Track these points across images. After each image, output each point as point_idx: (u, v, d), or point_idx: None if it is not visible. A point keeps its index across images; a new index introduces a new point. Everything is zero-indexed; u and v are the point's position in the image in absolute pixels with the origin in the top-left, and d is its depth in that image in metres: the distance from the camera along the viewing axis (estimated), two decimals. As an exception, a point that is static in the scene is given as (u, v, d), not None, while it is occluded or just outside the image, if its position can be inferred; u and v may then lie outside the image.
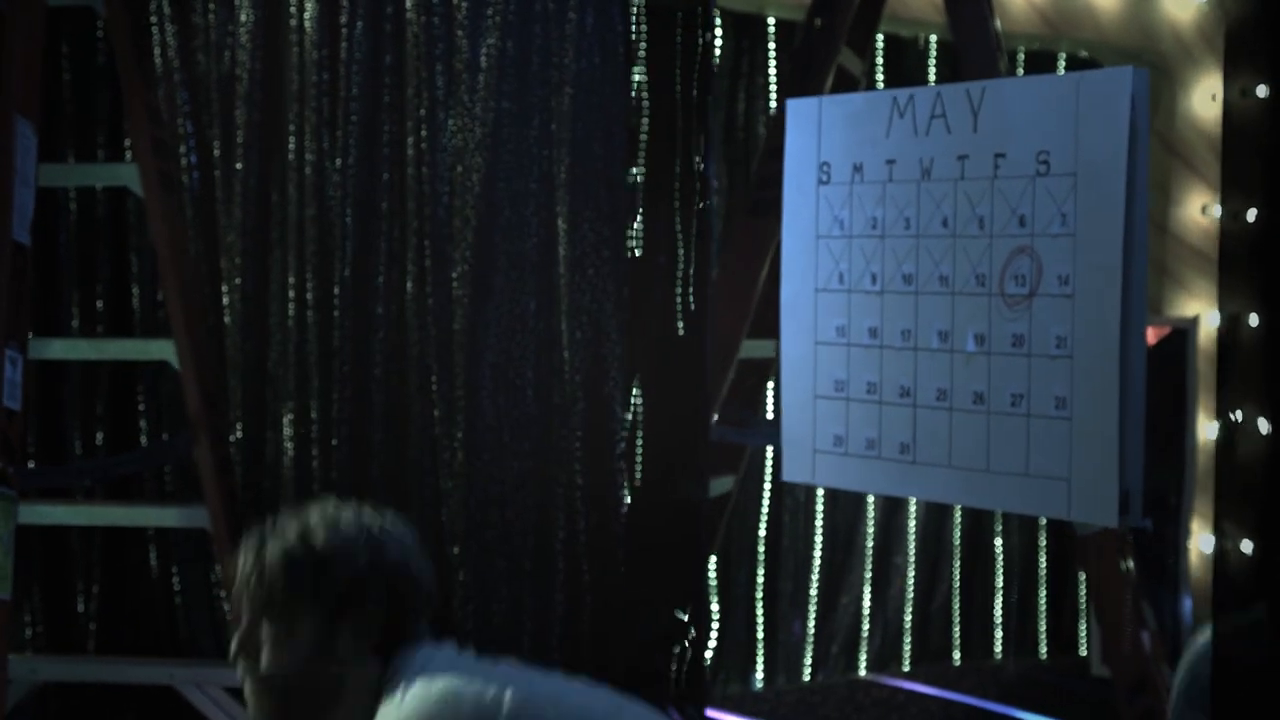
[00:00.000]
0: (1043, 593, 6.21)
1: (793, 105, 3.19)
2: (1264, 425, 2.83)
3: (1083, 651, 6.17)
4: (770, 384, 4.27)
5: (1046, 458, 2.82)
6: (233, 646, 2.43)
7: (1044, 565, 6.19)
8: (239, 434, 4.43)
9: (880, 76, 5.54)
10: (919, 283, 3.02)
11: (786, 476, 3.24)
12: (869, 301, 3.09)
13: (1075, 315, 2.78)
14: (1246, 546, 2.78)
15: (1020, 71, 5.66)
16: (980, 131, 2.92)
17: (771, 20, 5.46)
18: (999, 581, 6.09)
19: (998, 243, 2.89)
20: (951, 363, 2.96)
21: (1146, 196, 2.75)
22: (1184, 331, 5.71)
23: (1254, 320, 2.87)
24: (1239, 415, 2.67)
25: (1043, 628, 6.23)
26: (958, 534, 6.02)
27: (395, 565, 2.43)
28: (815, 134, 3.17)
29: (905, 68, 5.65)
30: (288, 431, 4.37)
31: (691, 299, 3.43)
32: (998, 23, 4.11)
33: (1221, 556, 2.71)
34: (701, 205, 3.45)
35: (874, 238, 3.08)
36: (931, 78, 5.72)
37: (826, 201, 3.15)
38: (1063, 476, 2.81)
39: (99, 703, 4.51)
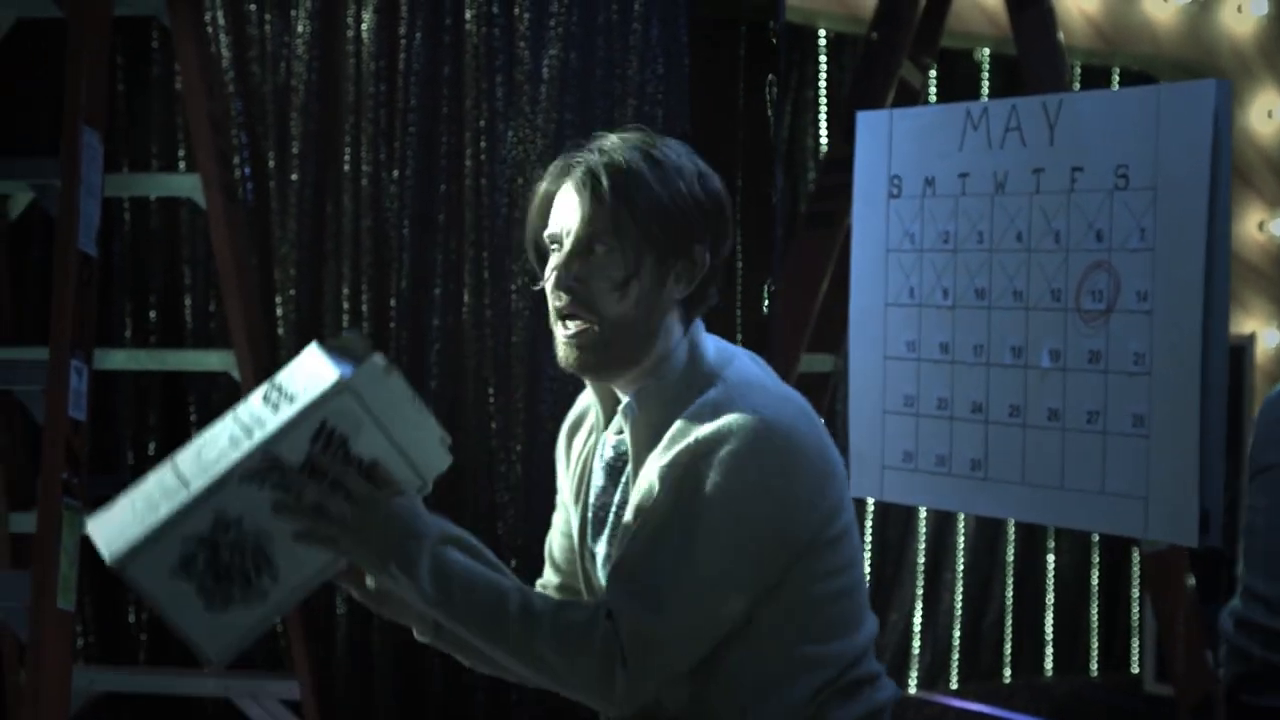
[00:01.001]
0: (1094, 609, 6.16)
1: (863, 118, 3.15)
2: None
3: (1134, 669, 6.11)
4: (828, 398, 4.23)
5: (1123, 476, 2.78)
6: (559, 283, 2.16)
7: (1096, 582, 6.13)
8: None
9: (933, 90, 5.50)
10: (992, 297, 2.99)
11: (854, 492, 3.20)
12: (940, 316, 3.06)
13: (1154, 331, 2.74)
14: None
15: (1076, 86, 5.61)
16: (1057, 145, 2.88)
17: (822, 33, 5.42)
18: (1050, 598, 6.03)
19: (1074, 257, 2.86)
20: (1025, 379, 2.93)
21: (1229, 211, 2.71)
22: (1241, 349, 5.65)
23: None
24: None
25: (1094, 645, 6.17)
26: (1009, 550, 5.97)
27: (718, 214, 2.22)
28: (886, 147, 3.14)
29: (958, 81, 5.61)
30: (343, 444, 4.35)
31: (765, 309, 3.40)
32: (1060, 34, 4.07)
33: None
34: (771, 219, 3.43)
35: (946, 252, 3.05)
36: (985, 92, 5.68)
37: (897, 215, 3.12)
38: (1140, 495, 2.77)
39: (149, 715, 4.49)
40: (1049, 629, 6.06)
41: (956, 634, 5.90)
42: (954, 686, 5.91)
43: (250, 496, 2.02)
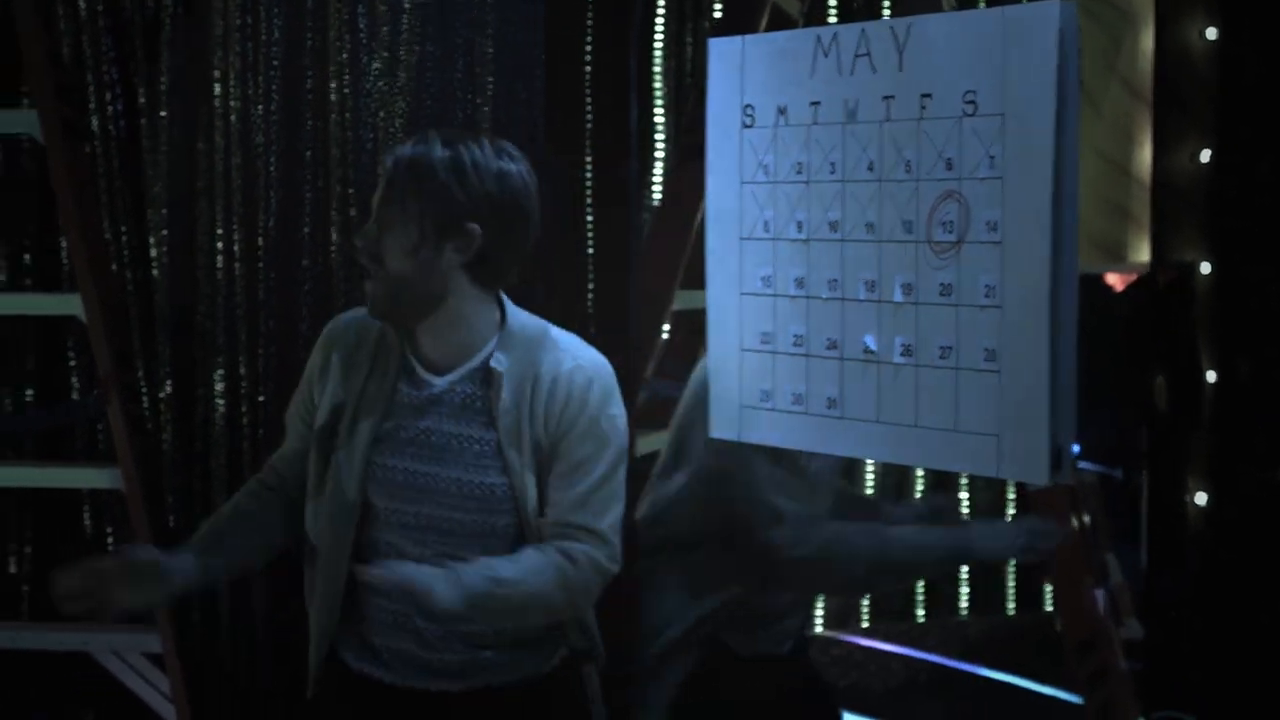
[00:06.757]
0: (1009, 547, 6.08)
1: (715, 45, 3.04)
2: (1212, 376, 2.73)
3: (1049, 607, 6.06)
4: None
5: (975, 412, 2.70)
6: (358, 242, 2.74)
7: (1010, 519, 6.05)
8: (169, 390, 4.30)
9: (833, 21, 5.39)
10: (845, 230, 2.89)
11: (714, 432, 3.11)
12: (795, 250, 2.96)
13: (1005, 263, 2.65)
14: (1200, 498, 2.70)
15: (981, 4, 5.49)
16: (906, 71, 2.78)
17: (719, -38, 5.29)
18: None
19: (925, 187, 2.76)
20: (879, 314, 2.84)
21: (1077, 137, 2.61)
22: (1150, 277, 5.55)
23: (1205, 268, 2.77)
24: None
25: (1010, 584, 6.11)
26: (919, 486, 5.90)
27: (503, 201, 2.74)
28: (739, 75, 3.03)
29: (855, 12, 5.49)
30: (219, 387, 4.24)
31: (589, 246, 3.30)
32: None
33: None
34: (625, 151, 3.32)
35: (799, 183, 2.94)
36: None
37: (751, 146, 3.01)
38: (992, 432, 2.68)
39: (18, 668, 4.40)
40: (963, 568, 5.99)
41: (867, 572, 5.82)
42: (864, 626, 5.84)
43: None
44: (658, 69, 5.02)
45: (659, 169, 4.84)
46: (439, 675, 2.82)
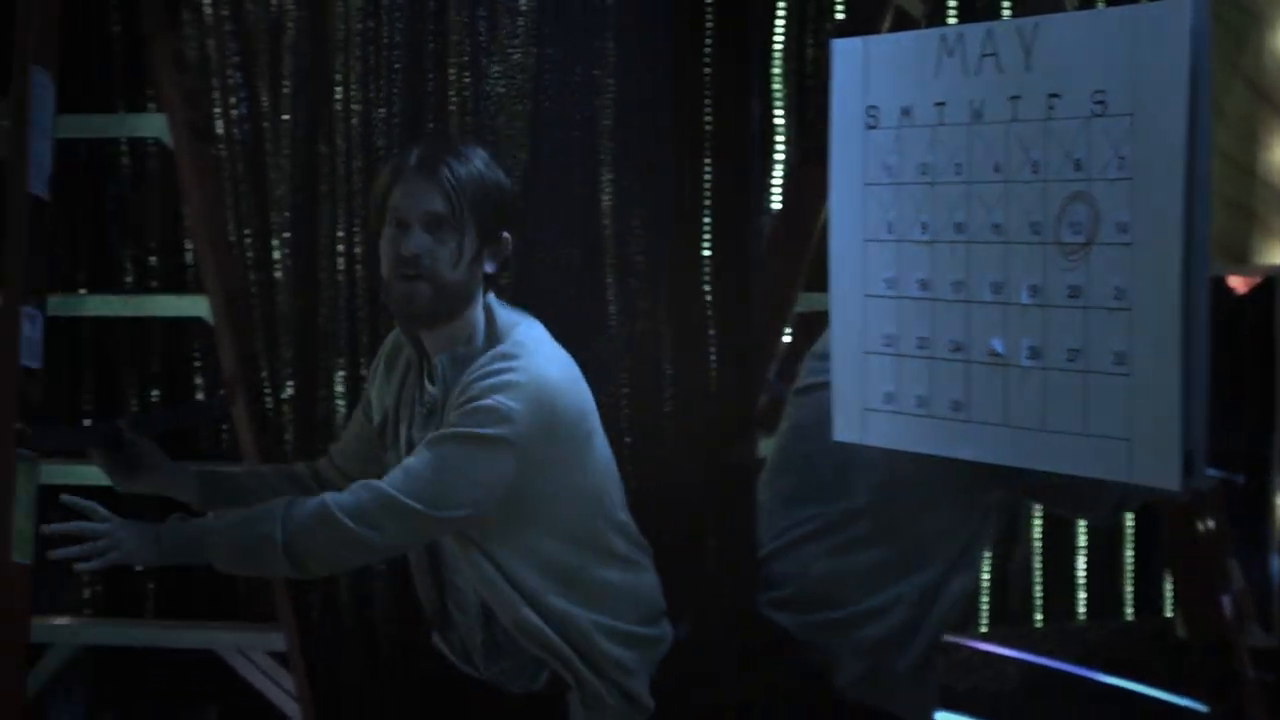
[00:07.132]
0: (1129, 551, 6.01)
1: (838, 46, 3.04)
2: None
3: (1169, 613, 5.97)
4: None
5: (1105, 416, 2.68)
6: (409, 251, 2.87)
7: (1130, 521, 5.97)
8: (290, 392, 4.35)
9: (953, 22, 5.34)
10: (971, 232, 2.88)
11: (837, 436, 3.12)
12: (919, 252, 2.95)
13: (1135, 265, 2.62)
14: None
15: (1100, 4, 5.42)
16: (1033, 70, 2.76)
17: (841, -38, 5.27)
18: (1082, 540, 5.89)
19: (1052, 188, 2.74)
20: (1005, 316, 2.82)
21: (1209, 137, 2.58)
22: (1275, 279, 5.47)
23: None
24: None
25: (1129, 588, 6.03)
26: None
27: (515, 211, 3.04)
28: (862, 76, 3.02)
29: (977, 13, 5.43)
30: (339, 389, 4.28)
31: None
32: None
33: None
34: (747, 152, 3.32)
35: (923, 184, 2.93)
36: (1008, 20, 5.49)
37: (874, 147, 3.01)
38: (1123, 436, 2.66)
39: (149, 664, 4.45)
40: (1081, 572, 5.93)
41: (985, 577, 5.78)
42: (983, 630, 5.79)
43: None
44: (778, 70, 5.00)
45: (779, 171, 4.85)
46: (473, 666, 3.07)
